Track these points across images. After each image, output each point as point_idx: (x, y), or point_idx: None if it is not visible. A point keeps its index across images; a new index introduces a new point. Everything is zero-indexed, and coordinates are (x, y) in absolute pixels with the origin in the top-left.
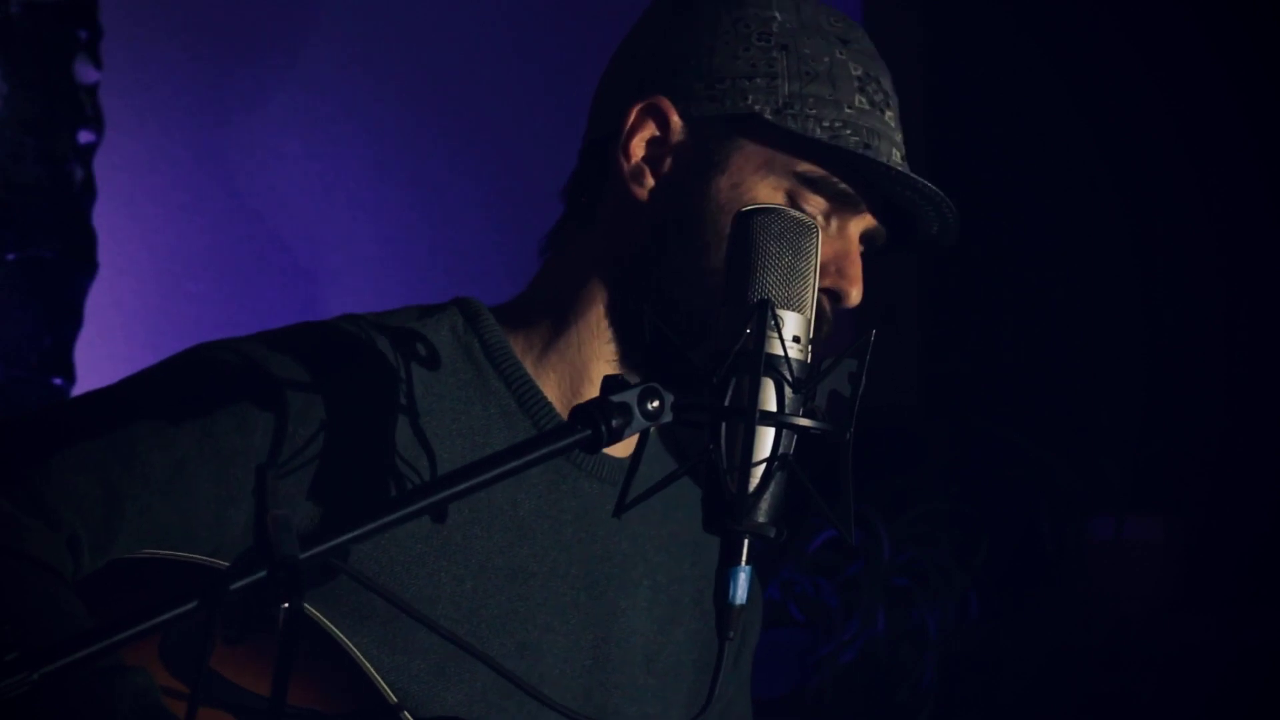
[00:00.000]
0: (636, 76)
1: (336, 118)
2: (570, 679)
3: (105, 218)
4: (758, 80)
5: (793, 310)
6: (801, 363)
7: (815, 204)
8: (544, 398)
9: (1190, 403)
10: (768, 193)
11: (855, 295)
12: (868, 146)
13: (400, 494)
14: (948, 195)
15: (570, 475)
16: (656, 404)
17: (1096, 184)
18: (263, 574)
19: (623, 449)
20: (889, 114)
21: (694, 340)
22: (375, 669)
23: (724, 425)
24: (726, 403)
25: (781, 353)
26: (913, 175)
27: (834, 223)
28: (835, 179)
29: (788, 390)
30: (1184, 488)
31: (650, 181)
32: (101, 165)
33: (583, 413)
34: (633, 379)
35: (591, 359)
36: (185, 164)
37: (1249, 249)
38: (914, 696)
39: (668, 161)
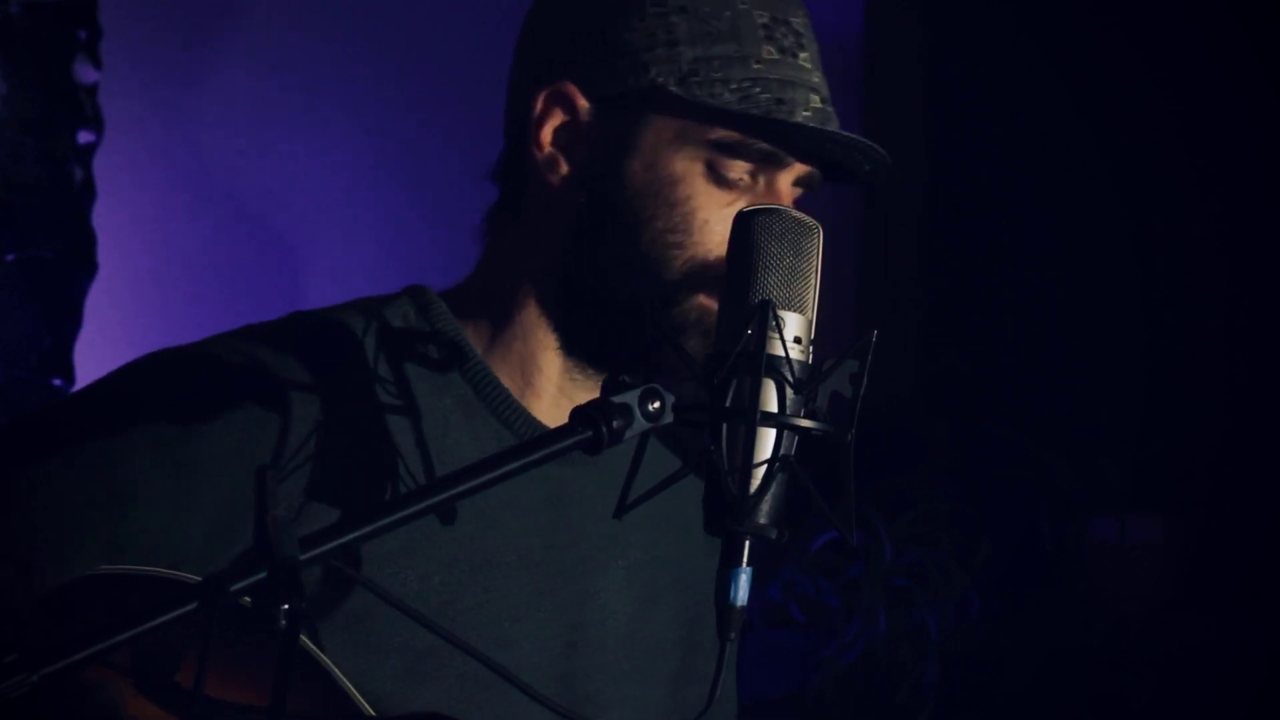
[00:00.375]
0: (537, 63)
1: (338, 118)
2: (545, 667)
3: (105, 218)
4: (658, 50)
5: (794, 311)
6: (803, 364)
7: (736, 169)
8: (501, 386)
9: (1190, 402)
10: (685, 166)
11: None
12: (780, 102)
13: (400, 495)
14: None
15: None
16: (657, 405)
17: (1097, 184)
18: (263, 575)
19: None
20: (803, 56)
21: (630, 329)
22: (346, 672)
23: (725, 426)
24: (728, 404)
25: (783, 354)
26: (828, 129)
27: (761, 180)
28: (752, 141)
29: (789, 391)
30: (1184, 488)
31: (565, 169)
32: (101, 165)
33: (583, 414)
34: (578, 364)
35: (538, 349)
36: (185, 164)
37: (1249, 249)
38: (915, 697)
39: (580, 147)
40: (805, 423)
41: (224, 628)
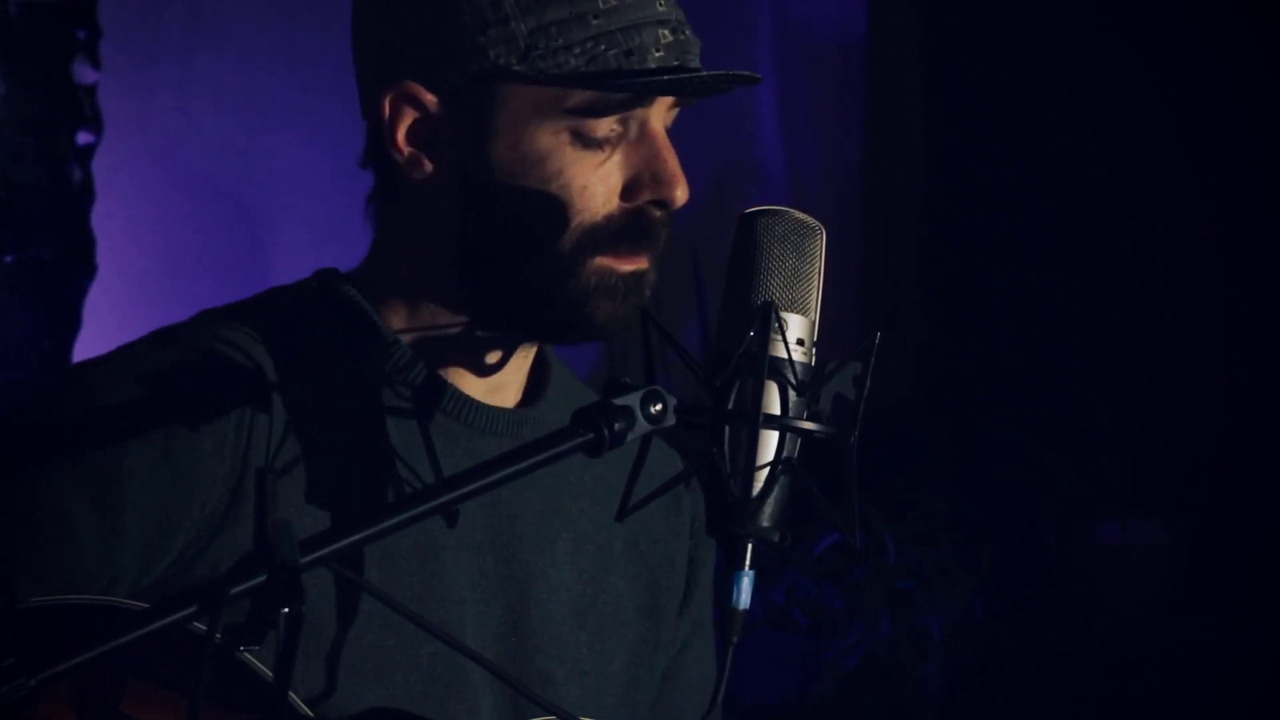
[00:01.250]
0: (375, 64)
1: (337, 119)
2: (490, 648)
3: (104, 219)
4: (491, 31)
5: (797, 313)
6: (805, 365)
7: (603, 127)
8: (422, 364)
9: (1193, 403)
10: (549, 139)
11: (680, 195)
12: (629, 54)
13: (403, 497)
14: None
15: (461, 435)
16: (659, 407)
17: (1097, 185)
18: (263, 579)
19: (502, 398)
20: None
21: (540, 305)
22: (294, 680)
23: (727, 429)
24: (730, 406)
25: (785, 356)
26: (682, 77)
27: (632, 126)
28: (608, 96)
29: (791, 393)
30: (1187, 489)
31: (429, 166)
32: (100, 166)
33: (585, 416)
34: (493, 336)
35: (450, 326)
36: (185, 165)
37: (1249, 249)
38: (918, 700)
39: (439, 143)
40: (808, 425)
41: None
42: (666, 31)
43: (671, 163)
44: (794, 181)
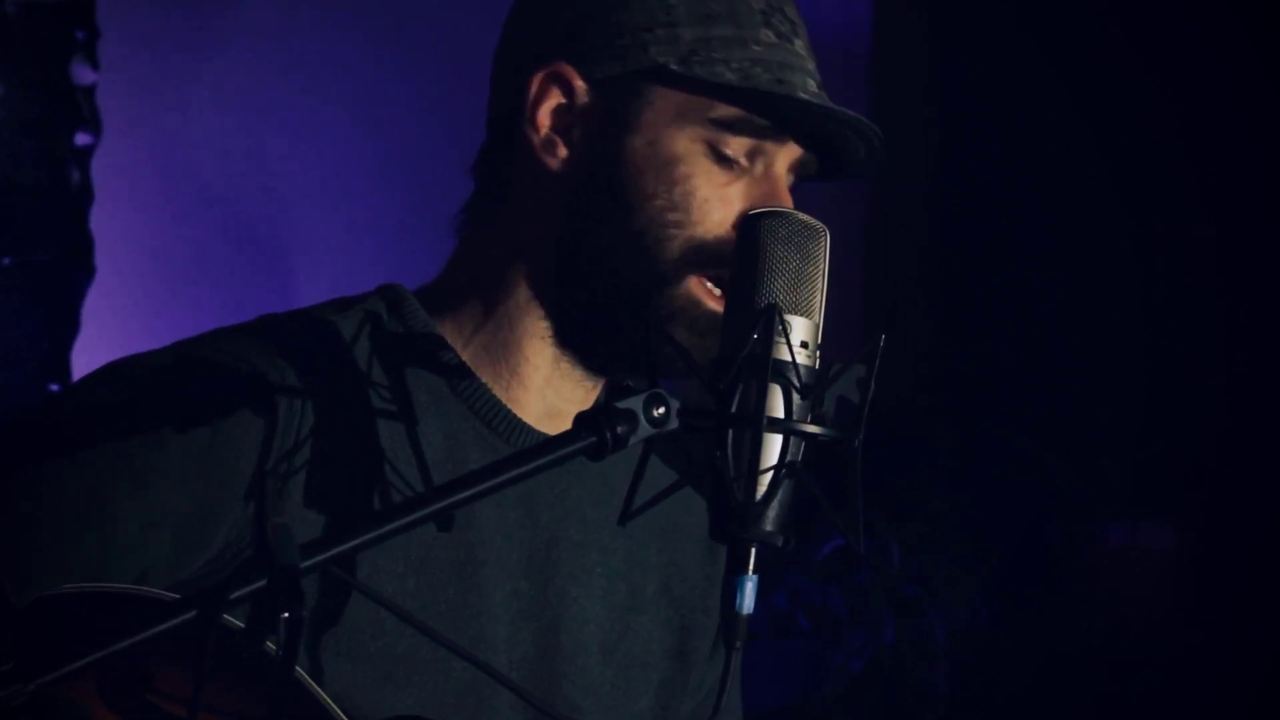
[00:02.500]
0: (533, 45)
1: (337, 120)
2: (518, 670)
3: (103, 221)
4: (658, 31)
5: (801, 315)
6: (809, 369)
7: (736, 146)
8: (478, 380)
9: (1200, 407)
10: (685, 144)
11: None
12: (780, 82)
13: (403, 500)
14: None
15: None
16: (662, 410)
17: (1101, 186)
18: (263, 583)
19: (559, 427)
20: (798, 43)
21: (625, 314)
22: (321, 680)
23: (731, 432)
24: (734, 409)
25: (789, 358)
26: (831, 105)
27: (759, 163)
28: (753, 117)
29: (795, 396)
30: (1194, 493)
31: (563, 151)
32: (99, 167)
33: (588, 419)
34: (566, 353)
35: (525, 337)
36: (184, 166)
37: (1250, 250)
38: (923, 704)
39: (577, 129)
40: (812, 428)
41: (221, 639)
42: (813, 83)
43: (788, 202)
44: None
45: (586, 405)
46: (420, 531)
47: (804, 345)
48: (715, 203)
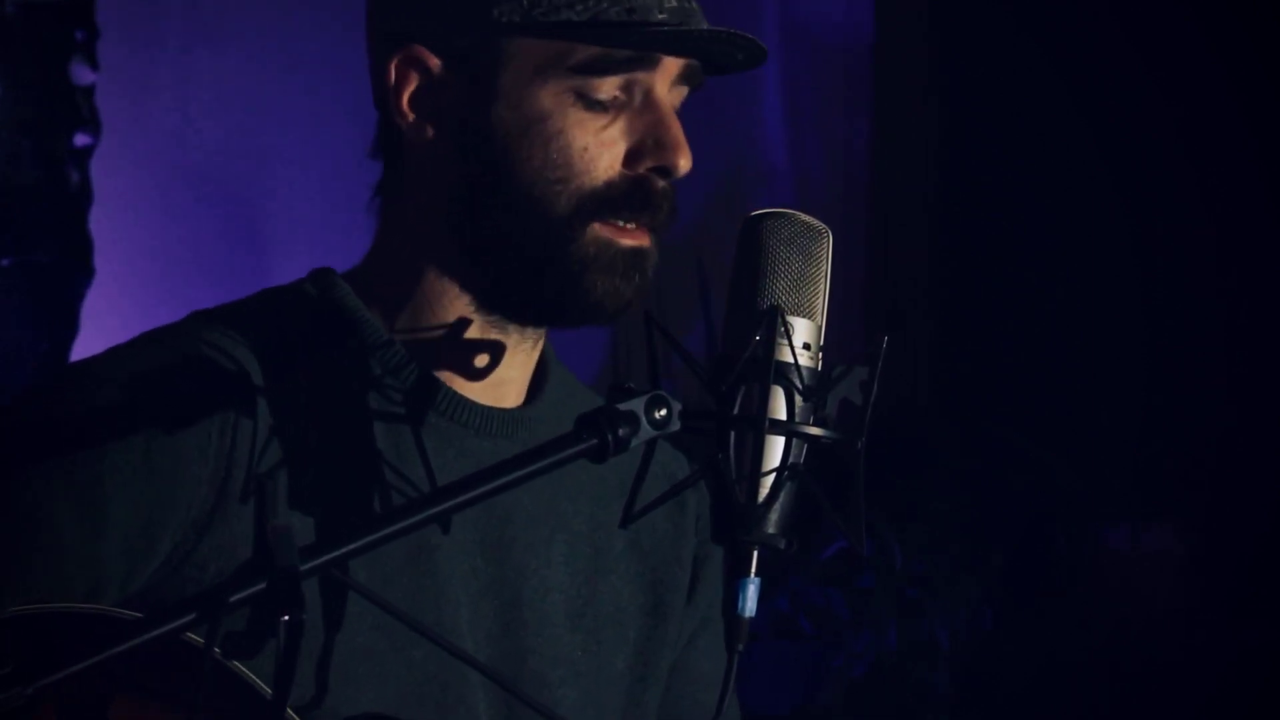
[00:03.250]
0: (385, 29)
1: (338, 120)
2: (483, 649)
3: (102, 221)
4: None
5: (803, 317)
6: (812, 370)
7: (606, 87)
8: (412, 361)
9: (1205, 409)
10: (550, 99)
11: (683, 163)
12: (631, 10)
13: (401, 504)
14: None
15: (455, 435)
16: (664, 412)
17: (1106, 188)
18: (262, 586)
19: (502, 397)
20: None
21: (538, 275)
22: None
23: (733, 434)
24: (735, 411)
25: (792, 360)
26: (687, 29)
27: (636, 93)
28: (610, 52)
29: (798, 398)
30: (1198, 495)
31: (431, 133)
32: (98, 168)
33: (589, 421)
34: (494, 321)
35: (450, 312)
36: (183, 167)
37: (1251, 251)
38: (926, 708)
39: (443, 107)
40: (815, 430)
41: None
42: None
43: (675, 129)
44: (800, 184)
45: (526, 370)
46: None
47: (806, 347)
48: (596, 149)
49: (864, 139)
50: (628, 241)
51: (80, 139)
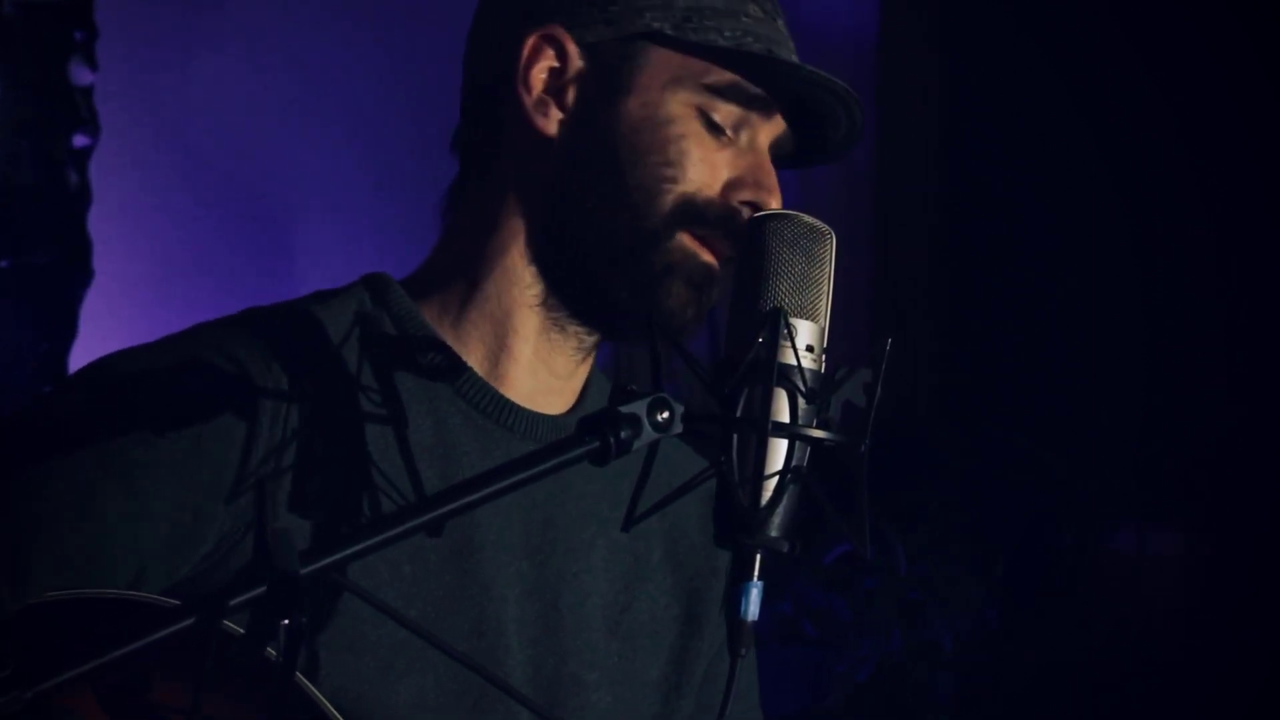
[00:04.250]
0: (522, 9)
1: (337, 120)
2: (523, 650)
3: (101, 223)
4: None
5: (806, 319)
6: (815, 372)
7: (727, 113)
8: (463, 363)
9: (1211, 412)
10: (679, 107)
11: (775, 203)
12: (770, 52)
13: (406, 505)
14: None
15: (501, 439)
16: (666, 415)
17: (1110, 188)
18: (262, 589)
19: (550, 404)
20: (779, 22)
21: (615, 271)
22: (324, 672)
23: (736, 437)
24: (738, 414)
25: (795, 362)
26: (821, 72)
27: (744, 135)
28: (745, 84)
29: (801, 401)
30: (1205, 499)
31: (556, 114)
32: (97, 169)
33: (591, 424)
34: (556, 320)
35: (514, 307)
36: (183, 167)
37: (1253, 253)
38: (930, 713)
39: (570, 92)
40: (818, 433)
41: (223, 646)
42: (794, 57)
43: (773, 176)
44: (804, 185)
45: (576, 380)
46: None
47: (809, 349)
48: (705, 165)
49: (868, 140)
50: (707, 257)
51: (79, 140)
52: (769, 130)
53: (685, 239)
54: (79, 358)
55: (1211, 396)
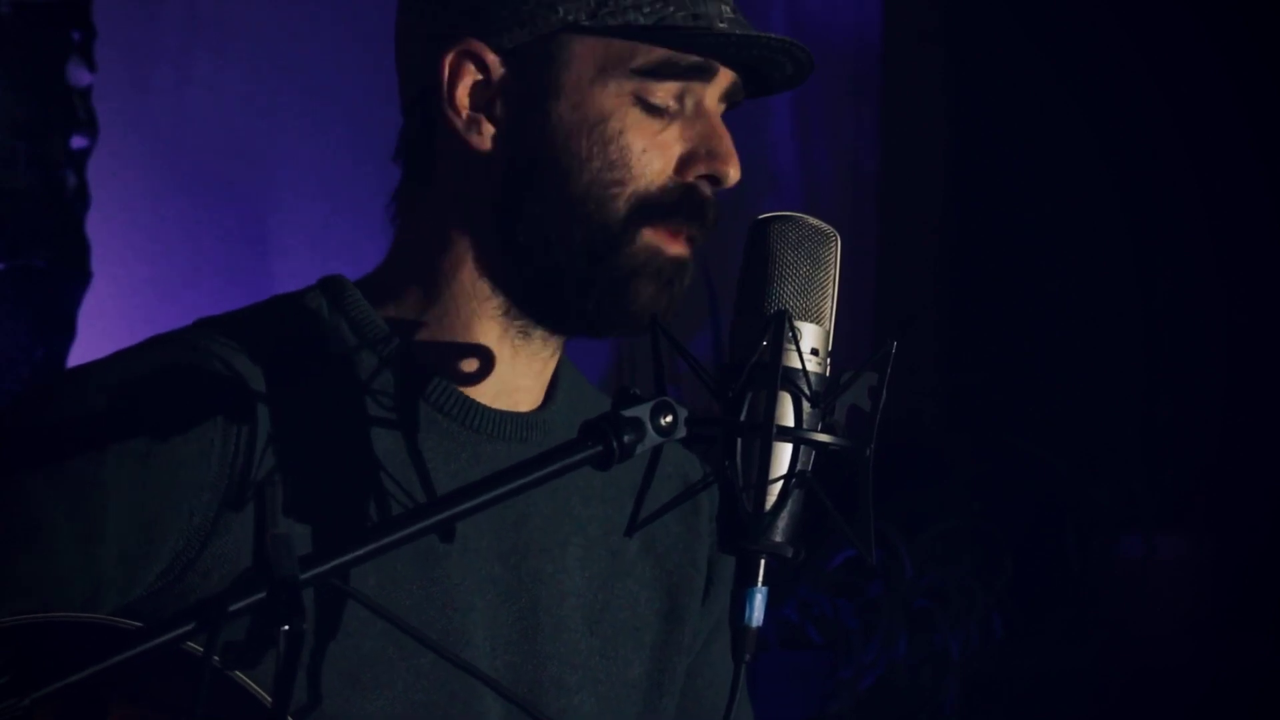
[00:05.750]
0: (437, 24)
1: (336, 121)
2: (500, 656)
3: (99, 225)
4: None
5: (811, 322)
6: (820, 376)
7: (665, 92)
8: (426, 367)
9: (1222, 417)
10: (612, 100)
11: (734, 173)
12: (696, 16)
13: (402, 513)
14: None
15: (467, 440)
16: (670, 419)
17: (1114, 193)
18: (262, 595)
19: (517, 402)
20: None
21: (578, 279)
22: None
23: (740, 441)
24: (742, 418)
25: (799, 366)
26: (752, 33)
27: (688, 102)
28: (675, 57)
29: (806, 405)
30: (1210, 501)
31: (489, 129)
32: (95, 171)
33: (593, 428)
34: (520, 326)
35: (472, 318)
36: (181, 169)
37: (1260, 258)
38: None
39: (499, 104)
40: (823, 437)
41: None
42: (728, 8)
43: (727, 140)
44: (808, 187)
45: (544, 376)
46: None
47: (814, 352)
48: (653, 153)
49: (873, 141)
50: (674, 250)
51: (77, 141)
52: (714, 89)
53: (647, 235)
54: (77, 360)
55: (1219, 401)
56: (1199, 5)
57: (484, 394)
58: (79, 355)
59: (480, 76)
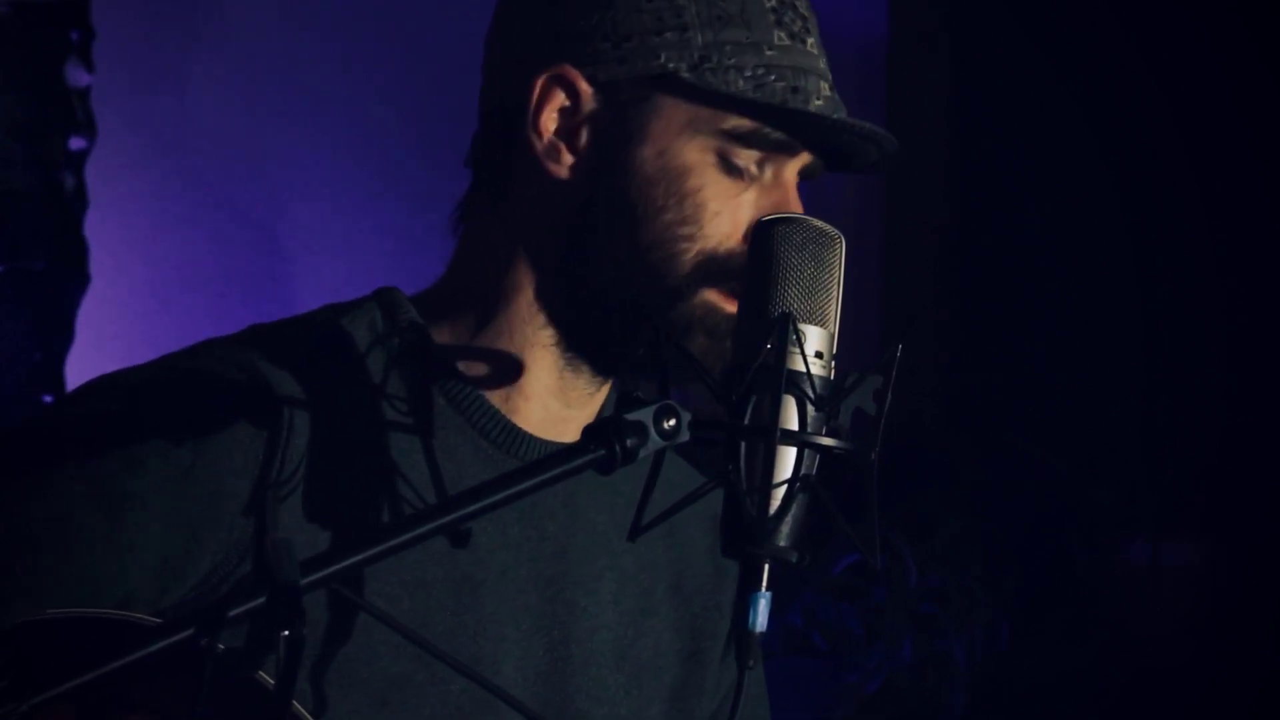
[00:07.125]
0: (533, 40)
1: (335, 122)
2: (529, 687)
3: (97, 227)
4: (667, 35)
5: (815, 324)
6: (824, 379)
7: (747, 157)
8: (475, 389)
9: (1228, 421)
10: (696, 155)
11: None
12: (794, 90)
13: (404, 517)
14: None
15: (509, 467)
16: (673, 422)
17: (1120, 194)
18: (262, 600)
19: (563, 433)
20: (810, 41)
21: (632, 326)
22: (312, 708)
23: (744, 445)
24: (746, 421)
25: (803, 369)
26: (844, 120)
27: (768, 170)
28: (766, 129)
29: (810, 408)
30: (1217, 507)
31: (568, 158)
32: (93, 172)
33: (596, 432)
34: (570, 360)
35: (526, 346)
36: (180, 171)
37: (1255, 257)
38: None
39: (583, 134)
40: (827, 441)
41: (220, 663)
42: (826, 86)
43: (800, 210)
44: (812, 188)
45: (590, 409)
46: (415, 552)
47: (819, 355)
48: (725, 215)
49: None
50: (731, 309)
51: (75, 142)
52: (795, 163)
53: (708, 294)
54: (75, 363)
55: (1220, 402)
56: (1199, 5)
57: (530, 422)
58: (77, 357)
59: (569, 104)
